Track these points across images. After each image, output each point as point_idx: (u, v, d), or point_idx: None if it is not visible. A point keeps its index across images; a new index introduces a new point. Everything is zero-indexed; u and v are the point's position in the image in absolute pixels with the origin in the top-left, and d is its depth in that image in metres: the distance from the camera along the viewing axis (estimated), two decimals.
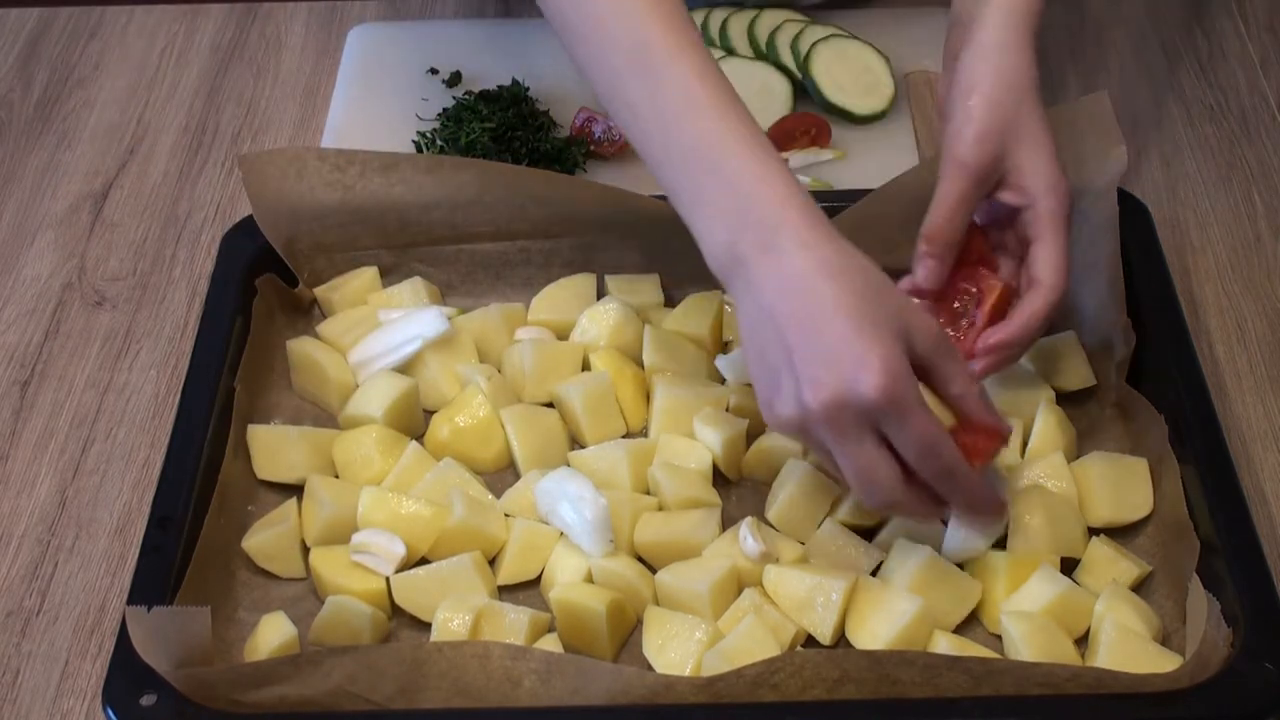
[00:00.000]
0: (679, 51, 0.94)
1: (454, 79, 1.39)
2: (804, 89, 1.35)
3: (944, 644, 0.95)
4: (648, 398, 1.12)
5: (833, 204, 1.15)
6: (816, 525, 1.03)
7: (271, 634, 0.98)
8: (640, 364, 1.13)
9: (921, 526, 1.01)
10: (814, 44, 1.34)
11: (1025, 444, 1.07)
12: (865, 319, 0.87)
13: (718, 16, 1.39)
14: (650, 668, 0.96)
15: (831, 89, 1.33)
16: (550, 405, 1.12)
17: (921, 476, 0.90)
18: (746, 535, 1.00)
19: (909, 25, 1.42)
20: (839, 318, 0.87)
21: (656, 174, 0.96)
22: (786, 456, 1.05)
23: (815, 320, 0.87)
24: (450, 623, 0.97)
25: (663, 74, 0.94)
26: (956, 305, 1.04)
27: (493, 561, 1.04)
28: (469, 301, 1.18)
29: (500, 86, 1.36)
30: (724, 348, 1.15)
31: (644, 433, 1.11)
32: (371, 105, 1.38)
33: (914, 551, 0.99)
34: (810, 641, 0.98)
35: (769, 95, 1.33)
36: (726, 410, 1.09)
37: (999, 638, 0.97)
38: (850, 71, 1.34)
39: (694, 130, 0.93)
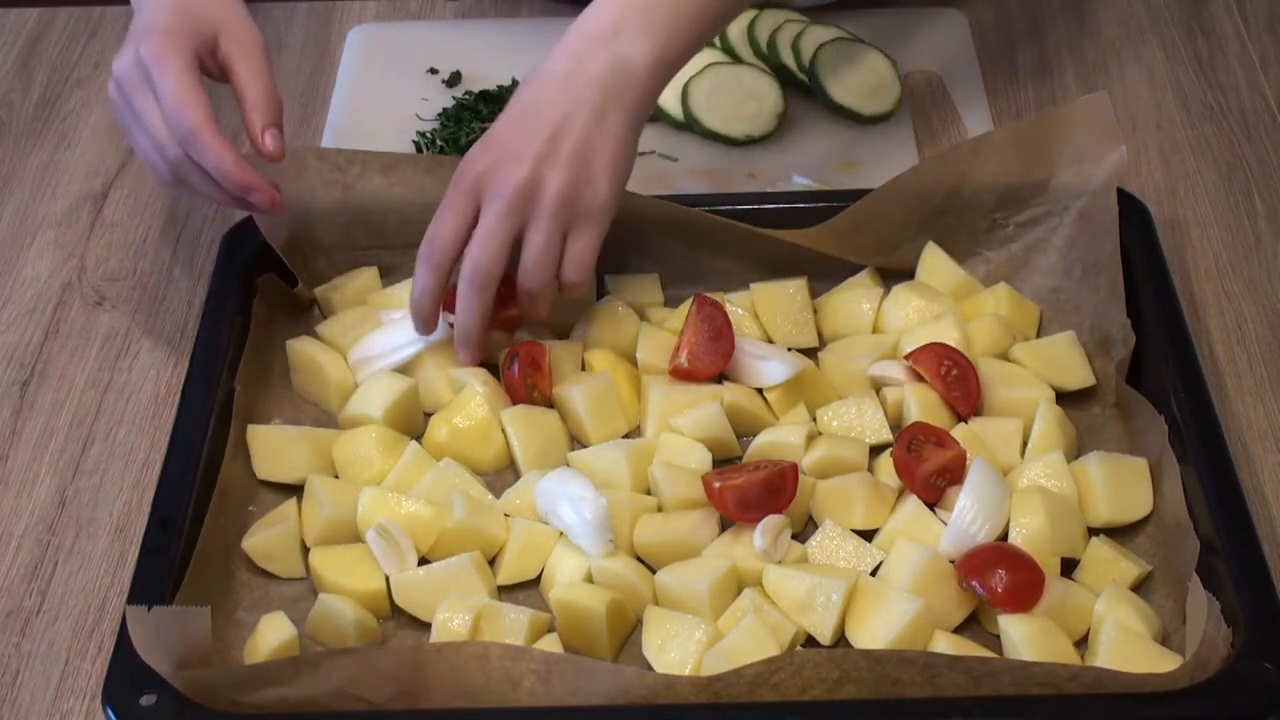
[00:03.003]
0: None
1: (454, 79, 1.39)
2: (805, 89, 1.35)
3: (944, 644, 0.95)
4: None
5: (833, 204, 1.16)
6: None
7: (271, 634, 0.98)
8: (635, 363, 1.13)
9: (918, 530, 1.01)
10: (821, 46, 1.34)
11: (1025, 444, 1.07)
12: None
13: None
14: (650, 668, 0.96)
15: (838, 90, 1.32)
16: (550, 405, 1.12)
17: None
18: (760, 534, 0.99)
19: (906, 26, 1.42)
20: None
21: None
22: (779, 456, 1.06)
23: None
24: (450, 623, 0.97)
25: None
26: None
27: (493, 561, 1.04)
28: None
29: (500, 87, 1.36)
30: None
31: (638, 431, 1.11)
32: (371, 105, 1.38)
33: (914, 551, 0.99)
34: (810, 641, 0.98)
35: (756, 100, 1.32)
36: (720, 409, 1.09)
37: (999, 637, 0.97)
38: (857, 74, 1.33)
39: None
